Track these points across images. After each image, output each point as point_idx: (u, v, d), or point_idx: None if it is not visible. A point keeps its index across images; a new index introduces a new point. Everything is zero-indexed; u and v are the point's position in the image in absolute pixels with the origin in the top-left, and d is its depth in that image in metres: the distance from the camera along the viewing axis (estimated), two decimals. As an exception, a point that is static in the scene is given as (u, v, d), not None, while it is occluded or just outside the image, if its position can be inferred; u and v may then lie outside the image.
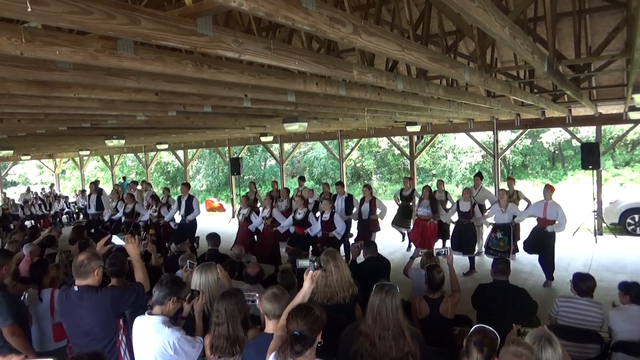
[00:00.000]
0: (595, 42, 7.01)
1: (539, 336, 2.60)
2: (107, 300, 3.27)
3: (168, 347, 2.93)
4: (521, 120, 11.66)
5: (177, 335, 2.96)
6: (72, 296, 3.30)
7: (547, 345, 2.54)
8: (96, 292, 3.30)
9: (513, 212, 7.81)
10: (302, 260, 3.01)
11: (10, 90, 3.54)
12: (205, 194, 27.86)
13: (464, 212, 8.31)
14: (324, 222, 7.92)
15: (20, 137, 9.36)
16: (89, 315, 3.25)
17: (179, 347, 2.95)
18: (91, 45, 2.44)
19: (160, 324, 2.99)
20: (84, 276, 3.29)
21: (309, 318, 2.47)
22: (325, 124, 11.15)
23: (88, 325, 3.27)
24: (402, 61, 3.61)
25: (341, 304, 3.63)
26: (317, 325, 2.49)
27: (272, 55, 2.79)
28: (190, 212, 9.72)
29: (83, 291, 3.27)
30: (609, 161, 21.68)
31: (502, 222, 7.81)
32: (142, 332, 3.06)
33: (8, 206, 16.26)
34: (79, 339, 3.36)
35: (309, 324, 2.45)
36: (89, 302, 3.24)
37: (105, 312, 3.26)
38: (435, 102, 6.95)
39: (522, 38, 3.16)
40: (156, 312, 3.05)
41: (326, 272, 3.63)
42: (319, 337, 2.51)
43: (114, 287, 3.63)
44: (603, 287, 5.92)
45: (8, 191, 23.75)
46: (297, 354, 2.42)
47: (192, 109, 6.05)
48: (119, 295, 3.35)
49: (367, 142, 25.12)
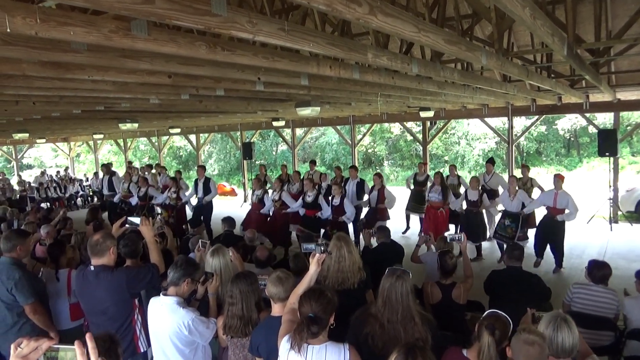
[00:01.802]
0: (616, 27, 6.82)
1: (555, 316, 2.57)
2: (122, 280, 3.31)
3: (183, 327, 2.97)
4: (537, 106, 11.48)
5: (191, 316, 3.00)
6: (89, 276, 3.36)
7: (563, 325, 2.49)
8: (111, 271, 3.35)
9: (522, 199, 7.75)
10: (308, 243, 3.00)
11: (25, 71, 3.56)
12: (217, 179, 28.01)
13: (473, 201, 8.28)
14: (334, 206, 7.94)
15: (35, 120, 9.45)
16: (105, 294, 3.30)
17: (193, 327, 2.99)
18: (105, 25, 2.43)
19: (175, 304, 3.03)
20: (99, 255, 3.34)
21: (323, 300, 2.49)
22: (338, 108, 11.07)
23: (104, 305, 3.33)
24: (418, 43, 3.53)
25: (351, 289, 3.64)
26: (330, 307, 2.51)
27: (286, 37, 2.75)
28: (208, 193, 9.89)
29: (99, 270, 3.32)
30: (625, 149, 21.32)
31: (510, 210, 7.78)
32: (157, 313, 3.10)
33: (25, 189, 16.51)
34: (95, 318, 3.42)
35: (323, 305, 2.47)
36: (105, 282, 3.29)
37: (121, 291, 3.30)
38: (449, 87, 6.85)
39: (543, 19, 3.08)
40: (171, 292, 3.09)
41: (339, 258, 3.64)
42: (332, 319, 2.52)
43: (129, 267, 3.68)
44: (618, 275, 5.84)
45: (24, 174, 24.10)
46: (314, 335, 2.44)
47: (205, 92, 6.04)
48: (134, 275, 3.39)
49: (379, 127, 24.96)
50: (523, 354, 2.25)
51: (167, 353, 3.07)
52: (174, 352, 3.05)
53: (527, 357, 2.24)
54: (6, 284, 3.62)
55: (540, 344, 2.26)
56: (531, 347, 2.24)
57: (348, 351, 2.46)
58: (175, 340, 3.02)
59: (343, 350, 2.46)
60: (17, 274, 3.65)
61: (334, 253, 3.66)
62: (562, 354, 2.47)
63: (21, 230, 4.50)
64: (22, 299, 3.64)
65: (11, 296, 3.64)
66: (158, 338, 3.10)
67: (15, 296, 3.63)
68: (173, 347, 3.04)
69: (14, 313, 3.69)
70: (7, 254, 3.73)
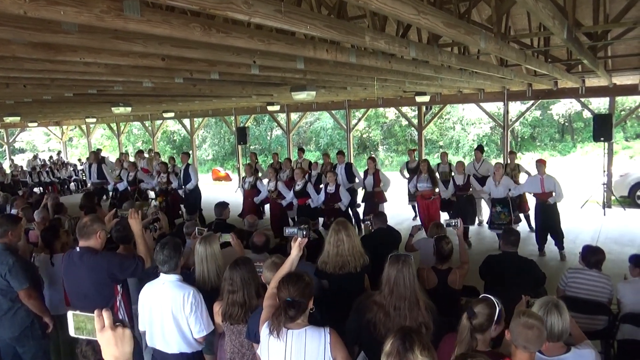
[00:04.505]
0: (614, 10, 6.77)
1: (546, 301, 2.59)
2: (104, 264, 3.34)
3: (186, 301, 3.02)
4: (533, 90, 11.44)
5: (195, 295, 3.06)
6: (74, 257, 3.39)
7: (553, 310, 2.53)
8: (96, 254, 3.36)
9: (507, 185, 7.86)
10: (290, 228, 2.99)
11: (15, 53, 3.47)
12: (211, 164, 27.91)
13: (461, 186, 8.34)
14: (329, 194, 7.90)
15: (27, 104, 9.31)
16: (86, 276, 3.33)
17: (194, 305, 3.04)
18: (96, 5, 2.35)
19: (177, 281, 3.11)
20: (86, 237, 3.37)
21: (300, 284, 2.50)
22: (333, 93, 10.99)
23: (86, 287, 3.35)
24: (418, 25, 3.48)
25: (352, 272, 3.64)
26: (308, 291, 2.52)
27: (283, 19, 2.69)
28: (188, 181, 9.60)
29: (84, 252, 3.35)
30: (619, 133, 21.39)
31: (497, 196, 7.90)
32: (156, 292, 3.12)
33: (17, 173, 16.36)
34: (77, 301, 3.44)
35: (300, 289, 2.48)
36: (88, 263, 3.32)
37: (101, 274, 3.32)
38: (446, 71, 6.79)
39: (544, 1, 3.03)
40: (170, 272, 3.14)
41: (337, 242, 3.63)
42: (310, 303, 2.54)
43: (116, 254, 3.72)
44: (611, 259, 5.91)
45: (16, 158, 23.88)
46: (292, 319, 2.46)
47: (199, 76, 5.95)
48: (117, 262, 3.42)
49: (374, 112, 24.84)
50: (522, 337, 2.26)
51: (166, 330, 3.08)
52: (173, 328, 3.06)
53: (526, 340, 2.25)
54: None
55: (539, 327, 2.27)
56: (530, 330, 2.25)
57: (329, 335, 2.47)
58: (177, 314, 3.03)
59: (323, 333, 2.47)
60: (11, 260, 3.63)
61: (332, 237, 3.65)
62: (552, 337, 2.51)
63: (12, 215, 4.46)
64: (17, 284, 3.63)
65: (5, 282, 3.63)
66: (158, 316, 3.10)
67: (9, 281, 3.62)
68: (173, 322, 3.05)
69: (7, 298, 3.68)
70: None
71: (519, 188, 8.08)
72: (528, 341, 2.26)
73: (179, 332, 3.08)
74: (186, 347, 3.12)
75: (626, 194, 11.58)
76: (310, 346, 2.44)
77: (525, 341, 2.26)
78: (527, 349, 2.27)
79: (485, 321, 2.50)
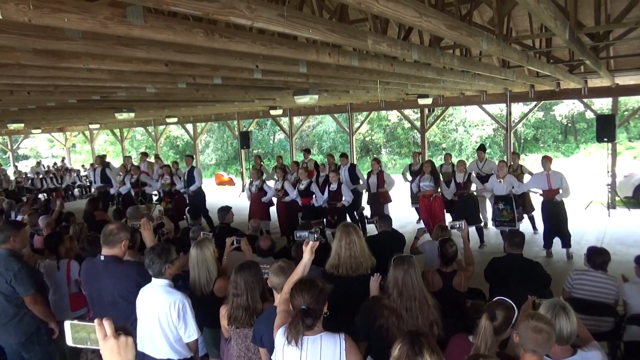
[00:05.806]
0: (615, 11, 6.76)
1: (553, 304, 2.57)
2: (132, 273, 3.30)
3: (172, 308, 3.01)
4: (535, 92, 11.42)
5: (183, 301, 3.05)
6: (98, 265, 3.35)
7: (561, 313, 2.51)
8: (122, 263, 3.34)
9: (510, 182, 7.80)
10: (302, 231, 2.96)
11: (19, 60, 3.50)
12: (214, 168, 27.95)
13: (462, 184, 8.35)
14: (332, 192, 8.13)
15: (31, 110, 9.36)
16: (113, 285, 3.28)
17: (182, 311, 3.02)
18: (100, 12, 2.37)
19: (168, 287, 3.11)
20: (111, 245, 3.33)
21: (314, 291, 2.45)
22: (336, 96, 11.00)
23: (112, 296, 3.30)
24: (420, 28, 3.49)
25: (364, 274, 3.61)
26: (323, 297, 2.47)
27: (286, 23, 2.70)
28: (192, 183, 9.78)
29: (109, 261, 3.31)
30: (623, 134, 21.33)
31: (499, 193, 7.85)
32: (148, 296, 3.12)
33: (21, 179, 16.41)
34: (102, 309, 3.36)
35: (315, 296, 2.43)
36: (115, 272, 3.28)
37: (129, 283, 3.28)
38: (448, 74, 6.79)
39: (546, 3, 3.03)
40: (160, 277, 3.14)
41: (350, 243, 3.61)
42: (325, 308, 2.50)
43: (137, 262, 3.66)
44: (616, 260, 5.85)
45: (20, 164, 23.97)
46: (309, 327, 2.41)
47: (202, 81, 5.97)
48: (143, 270, 3.36)
49: (376, 115, 24.85)
50: (531, 341, 2.24)
51: (154, 335, 3.06)
52: (160, 334, 3.04)
53: (536, 344, 2.23)
54: (5, 275, 3.60)
55: (548, 331, 2.25)
56: (539, 334, 2.23)
57: (344, 341, 2.43)
58: (163, 320, 3.02)
59: (339, 339, 2.43)
60: (16, 266, 3.63)
61: (343, 240, 3.63)
62: (561, 340, 2.48)
63: (15, 221, 4.48)
64: (22, 290, 3.63)
65: (10, 288, 3.63)
66: (147, 321, 3.09)
67: (15, 287, 3.62)
68: (160, 328, 3.03)
69: (13, 304, 3.68)
70: (3, 246, 3.70)
71: (523, 186, 7.97)
72: (538, 345, 2.24)
73: (165, 338, 3.05)
74: (173, 354, 3.08)
75: (630, 195, 11.53)
76: (325, 352, 2.41)
77: (535, 345, 2.24)
78: (536, 352, 2.26)
79: (503, 324, 2.52)
